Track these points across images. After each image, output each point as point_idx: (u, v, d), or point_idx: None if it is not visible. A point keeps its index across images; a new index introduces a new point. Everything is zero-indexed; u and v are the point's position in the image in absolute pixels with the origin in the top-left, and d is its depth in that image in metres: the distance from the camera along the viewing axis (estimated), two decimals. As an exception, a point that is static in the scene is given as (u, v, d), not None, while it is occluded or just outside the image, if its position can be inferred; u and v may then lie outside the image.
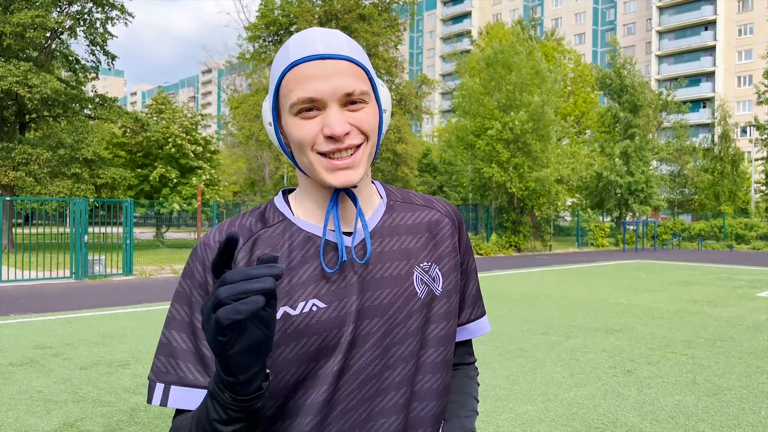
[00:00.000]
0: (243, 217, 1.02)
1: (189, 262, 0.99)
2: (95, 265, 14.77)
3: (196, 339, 0.95)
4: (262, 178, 43.70)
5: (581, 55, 45.86)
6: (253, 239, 0.98)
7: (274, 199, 1.06)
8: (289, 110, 0.92)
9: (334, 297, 0.95)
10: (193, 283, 0.97)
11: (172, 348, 0.95)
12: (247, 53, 33.37)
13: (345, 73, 0.91)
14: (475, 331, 1.16)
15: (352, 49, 0.94)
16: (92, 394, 5.09)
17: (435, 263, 1.04)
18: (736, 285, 13.93)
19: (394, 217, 1.05)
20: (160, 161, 27.71)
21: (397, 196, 1.09)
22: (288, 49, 0.93)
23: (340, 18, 30.40)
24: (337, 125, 0.89)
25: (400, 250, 1.02)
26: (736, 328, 8.31)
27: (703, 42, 61.77)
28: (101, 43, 25.11)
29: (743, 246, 32.01)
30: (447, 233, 1.08)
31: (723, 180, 41.00)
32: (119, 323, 8.46)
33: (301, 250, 0.97)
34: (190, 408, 0.93)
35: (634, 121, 33.37)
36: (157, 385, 0.95)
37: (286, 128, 0.95)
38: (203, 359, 0.94)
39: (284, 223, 1.00)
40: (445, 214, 1.10)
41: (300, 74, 0.90)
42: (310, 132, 0.91)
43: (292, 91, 0.91)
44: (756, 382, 5.61)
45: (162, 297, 11.28)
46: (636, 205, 33.26)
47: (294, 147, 0.95)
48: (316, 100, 0.90)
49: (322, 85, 0.89)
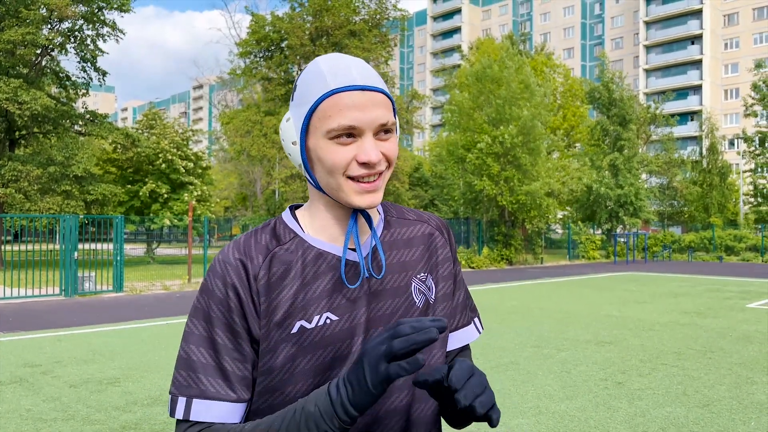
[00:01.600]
0: (257, 235, 1.06)
1: (207, 279, 1.03)
2: (85, 282, 14.66)
3: (217, 353, 0.99)
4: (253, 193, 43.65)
5: (570, 69, 46.31)
6: (270, 256, 1.02)
7: (282, 215, 1.11)
8: (325, 134, 0.96)
9: (345, 310, 1.01)
10: (212, 299, 1.01)
11: (192, 362, 1.00)
12: (239, 69, 33.52)
13: (380, 105, 0.97)
14: (463, 338, 1.19)
15: (381, 81, 1.01)
16: (82, 412, 5.05)
17: (429, 273, 1.11)
18: (726, 296, 14.02)
19: (392, 232, 1.11)
20: (151, 177, 27.64)
21: (392, 212, 1.15)
22: (324, 76, 0.97)
23: (331, 34, 30.61)
24: (373, 154, 0.96)
25: (399, 263, 1.08)
26: (726, 339, 8.36)
27: (690, 56, 62.59)
28: (92, 60, 25.11)
29: (733, 257, 32.22)
30: (439, 244, 1.15)
31: (712, 192, 41.35)
32: (109, 340, 8.40)
33: (314, 266, 1.02)
34: (212, 420, 0.98)
35: (623, 134, 33.67)
36: (180, 398, 0.99)
37: (317, 150, 0.99)
38: (224, 372, 0.99)
39: (296, 240, 1.05)
40: (435, 227, 1.17)
41: (341, 103, 0.95)
42: (345, 158, 0.97)
43: (331, 117, 0.96)
44: (746, 392, 5.65)
45: (153, 314, 11.22)
46: (626, 217, 33.45)
47: (322, 169, 0.99)
48: (355, 128, 0.96)
49: (361, 115, 0.95)
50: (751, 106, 37.10)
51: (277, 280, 1.00)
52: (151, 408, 5.18)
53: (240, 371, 0.99)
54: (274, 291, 1.00)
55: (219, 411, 0.97)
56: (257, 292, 0.99)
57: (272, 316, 0.99)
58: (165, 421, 4.84)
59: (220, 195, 42.42)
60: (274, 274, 1.01)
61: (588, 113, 41.79)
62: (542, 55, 42.67)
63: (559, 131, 35.63)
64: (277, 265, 1.01)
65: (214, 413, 0.97)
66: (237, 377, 0.99)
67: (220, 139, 45.76)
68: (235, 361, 0.99)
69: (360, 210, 1.03)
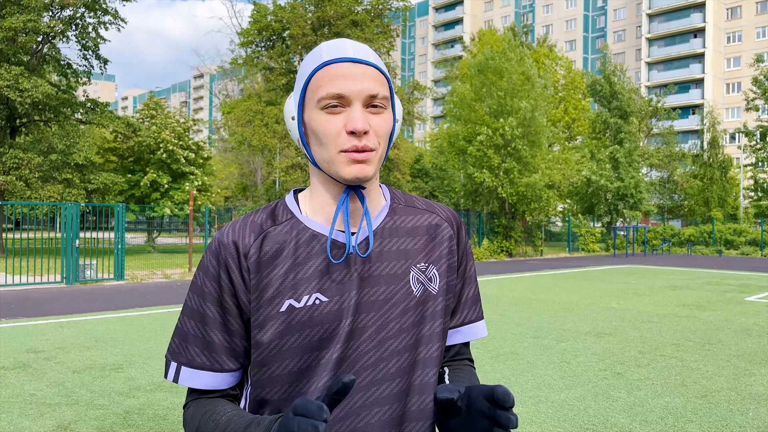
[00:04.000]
0: (256, 214, 1.09)
1: (204, 256, 1.09)
2: (86, 270, 14.70)
3: (204, 326, 1.06)
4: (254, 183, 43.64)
5: (572, 61, 46.17)
6: (263, 236, 1.06)
7: (285, 197, 1.13)
8: (316, 104, 0.99)
9: (335, 291, 1.03)
10: (206, 276, 1.06)
11: (185, 332, 1.08)
12: (240, 58, 33.43)
13: (372, 78, 1.00)
14: (468, 334, 1.18)
15: (377, 60, 1.03)
16: (85, 397, 5.10)
17: (432, 264, 1.10)
18: (725, 289, 14.06)
19: (395, 219, 1.11)
20: (152, 166, 27.64)
21: (400, 199, 1.15)
22: (320, 51, 1.02)
23: (333, 24, 30.51)
24: (359, 122, 0.97)
25: (399, 250, 1.08)
26: (724, 332, 8.41)
27: (692, 49, 62.35)
28: (93, 48, 25.07)
29: (732, 251, 32.27)
30: (445, 236, 1.14)
31: (712, 186, 41.34)
32: (111, 327, 8.44)
33: (307, 248, 1.05)
34: (196, 386, 1.06)
35: (623, 127, 33.63)
36: (171, 363, 1.08)
37: (310, 122, 1.02)
38: (211, 345, 1.06)
39: (292, 221, 1.07)
40: (444, 218, 1.16)
41: (331, 72, 0.99)
42: (334, 127, 0.99)
43: (321, 86, 0.99)
44: (744, 384, 5.69)
45: (154, 302, 11.26)
46: (626, 210, 33.47)
47: (315, 140, 1.02)
48: (344, 97, 0.98)
49: (350, 83, 0.98)
50: (753, 100, 37.03)
51: (268, 259, 1.04)
52: (154, 394, 5.22)
53: (227, 343, 1.05)
54: (265, 269, 1.03)
55: (204, 379, 1.05)
56: (247, 269, 1.03)
57: (263, 293, 1.02)
58: (168, 406, 4.88)
59: (221, 185, 42.39)
60: (266, 253, 1.04)
61: (590, 106, 41.72)
62: (544, 47, 42.54)
63: (560, 123, 35.59)
64: (269, 245, 1.04)
65: (199, 381, 1.05)
66: (224, 349, 1.05)
67: (221, 128, 45.68)
68: (222, 334, 1.05)
69: (354, 188, 1.03)
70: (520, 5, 77.84)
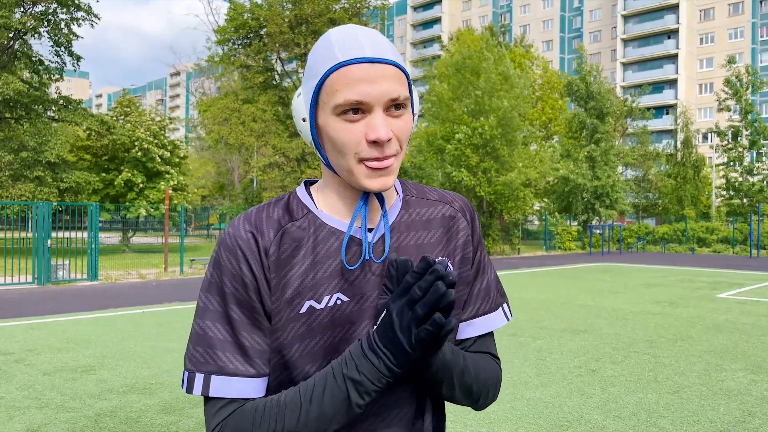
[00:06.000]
0: (269, 208, 1.03)
1: (218, 252, 1.00)
2: (59, 270, 14.45)
3: (233, 329, 0.97)
4: (231, 182, 43.29)
5: (549, 61, 46.61)
6: (281, 232, 0.99)
7: (296, 190, 1.07)
8: (332, 110, 0.92)
9: (356, 291, 0.98)
10: (225, 274, 0.98)
11: (209, 338, 0.97)
12: (216, 56, 33.12)
13: (391, 78, 0.92)
14: (483, 326, 1.12)
15: (395, 53, 0.95)
16: (56, 400, 5.00)
17: (448, 257, 1.06)
18: (697, 286, 14.30)
19: (410, 212, 1.06)
20: (126, 165, 27.25)
21: (412, 191, 1.10)
22: (332, 48, 0.93)
23: (311, 22, 30.38)
24: (382, 131, 0.90)
25: (416, 245, 1.04)
26: (696, 328, 8.54)
27: (666, 50, 63.34)
28: (66, 44, 24.63)
29: (704, 249, 32.85)
30: (461, 227, 1.09)
31: (685, 185, 42.02)
32: (84, 329, 8.30)
33: (325, 245, 0.99)
34: (231, 395, 0.95)
35: (600, 127, 34.02)
36: (197, 374, 0.96)
37: (325, 127, 0.95)
38: (242, 348, 0.97)
39: (309, 216, 1.02)
40: (458, 209, 1.12)
41: (348, 76, 0.90)
42: (354, 136, 0.92)
43: (338, 91, 0.91)
44: (715, 379, 5.78)
45: (128, 302, 11.11)
46: (602, 209, 33.86)
47: (332, 147, 0.95)
48: (363, 104, 0.90)
49: (370, 88, 0.90)
50: (724, 101, 37.70)
51: (287, 257, 0.98)
52: (127, 396, 5.14)
53: (258, 345, 0.97)
54: (284, 268, 0.98)
55: (239, 387, 0.96)
56: (268, 267, 0.97)
57: (282, 293, 0.97)
58: (141, 409, 4.81)
59: (197, 184, 42.00)
60: (285, 251, 0.98)
61: (567, 106, 42.14)
62: (521, 47, 42.86)
63: (536, 123, 35.87)
64: (288, 242, 0.99)
65: (234, 389, 0.95)
66: (256, 351, 0.97)
67: (198, 127, 45.24)
68: (252, 336, 0.97)
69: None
70: (497, 5, 78.31)
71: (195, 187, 35.37)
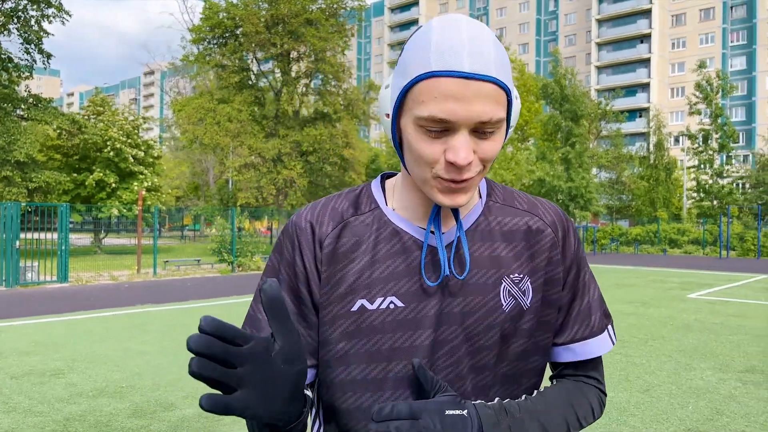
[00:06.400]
0: (338, 199, 1.00)
1: (280, 239, 1.00)
2: (27, 272, 14.17)
3: None
4: (206, 182, 42.89)
5: (525, 64, 47.06)
6: (342, 225, 0.97)
7: (371, 183, 1.02)
8: (415, 120, 0.84)
9: (414, 298, 0.92)
10: (282, 261, 0.98)
11: (258, 320, 0.96)
12: (191, 55, 32.76)
13: (486, 99, 0.82)
14: (580, 353, 1.01)
15: (498, 64, 0.83)
16: (23, 404, 4.89)
17: (528, 276, 0.97)
18: (669, 287, 14.54)
19: (490, 220, 0.98)
20: (98, 165, 26.80)
21: (498, 196, 1.02)
22: (429, 50, 0.82)
23: (287, 22, 30.23)
24: (462, 155, 0.82)
25: (491, 257, 0.95)
26: (667, 328, 8.68)
27: (639, 54, 64.40)
28: (36, 42, 24.15)
29: (676, 250, 33.43)
30: (546, 245, 0.99)
31: (658, 187, 42.75)
32: (53, 332, 8.14)
33: (387, 244, 0.95)
34: None
35: (574, 129, 34.43)
36: None
37: (405, 131, 0.88)
38: None
39: (375, 212, 0.97)
40: (548, 223, 1.01)
41: (438, 89, 0.81)
42: (433, 152, 0.84)
43: (424, 103, 0.82)
44: (684, 378, 5.88)
45: (99, 304, 10.92)
46: (576, 210, 34.28)
47: (410, 155, 0.89)
48: (448, 122, 0.82)
49: (459, 107, 0.81)
50: (695, 104, 38.44)
51: (345, 252, 0.94)
52: (96, 399, 5.05)
53: (303, 337, 0.94)
54: (339, 263, 0.94)
55: None
56: (321, 260, 0.94)
57: (335, 288, 0.93)
58: (111, 412, 4.73)
59: (171, 184, 41.50)
60: (343, 245, 0.95)
61: (542, 108, 42.58)
62: (497, 50, 43.17)
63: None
64: (348, 236, 0.95)
65: None
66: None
67: (172, 127, 44.73)
68: (298, 326, 0.94)
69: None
70: (474, 8, 78.84)
71: (169, 188, 34.93)
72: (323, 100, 32.40)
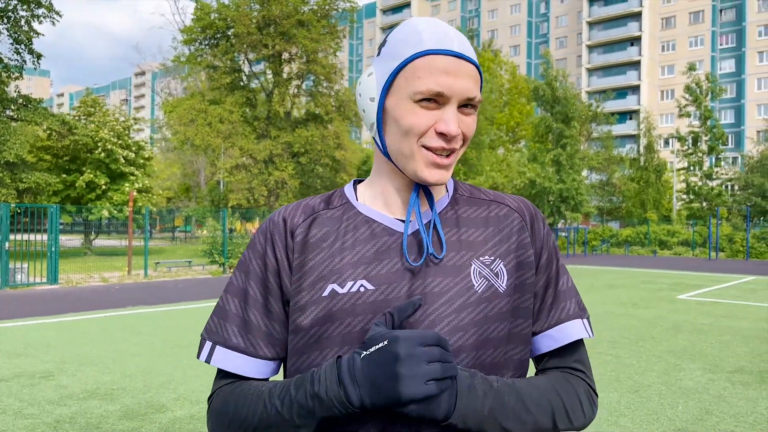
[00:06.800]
0: (312, 199, 1.06)
1: (254, 236, 1.05)
2: (17, 274, 14.07)
3: (246, 305, 1.00)
4: (197, 183, 42.74)
5: (516, 66, 47.21)
6: (313, 217, 1.02)
7: (345, 186, 1.09)
8: (411, 95, 0.91)
9: (383, 280, 0.95)
10: (254, 254, 1.03)
11: (225, 311, 1.02)
12: (183, 56, 32.64)
13: (471, 77, 0.93)
14: (558, 338, 1.02)
15: (475, 55, 0.97)
16: (13, 406, 4.86)
17: (500, 258, 0.99)
18: (659, 288, 14.63)
19: (456, 209, 1.03)
20: (89, 166, 26.65)
21: (465, 191, 1.07)
22: (420, 35, 0.93)
23: (279, 23, 30.19)
24: (453, 125, 0.91)
25: (460, 241, 0.99)
26: (657, 329, 8.74)
27: (630, 57, 64.78)
28: (26, 42, 23.99)
29: (666, 251, 33.63)
30: (515, 228, 1.02)
31: (648, 189, 43.00)
32: (43, 333, 8.09)
33: (357, 232, 0.99)
34: (228, 369, 0.98)
35: (565, 131, 34.57)
36: (206, 342, 1.01)
37: (395, 110, 0.94)
38: (248, 325, 0.99)
39: (345, 206, 1.03)
40: (515, 208, 1.05)
41: (434, 65, 0.91)
42: (425, 122, 0.92)
43: (420, 78, 0.91)
44: (674, 378, 5.92)
45: (90, 306, 10.86)
46: (567, 212, 34.42)
47: (397, 130, 0.94)
48: (443, 95, 0.91)
49: (452, 82, 0.91)
50: (685, 107, 38.71)
51: (316, 242, 0.99)
52: (87, 402, 5.03)
53: (266, 327, 0.99)
54: (311, 252, 0.98)
55: (236, 363, 0.98)
56: (292, 249, 0.99)
57: (305, 276, 0.97)
58: (102, 414, 4.71)
59: (162, 185, 41.33)
60: (314, 235, 0.99)
61: (534, 110, 42.74)
62: (489, 52, 43.33)
63: (503, 127, 36.27)
64: (318, 227, 1.00)
65: (231, 364, 0.98)
66: (261, 332, 0.99)
67: (163, 128, 44.54)
68: (262, 316, 0.99)
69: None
70: (466, 10, 79.04)
71: (160, 189, 34.77)
72: (315, 102, 32.37)
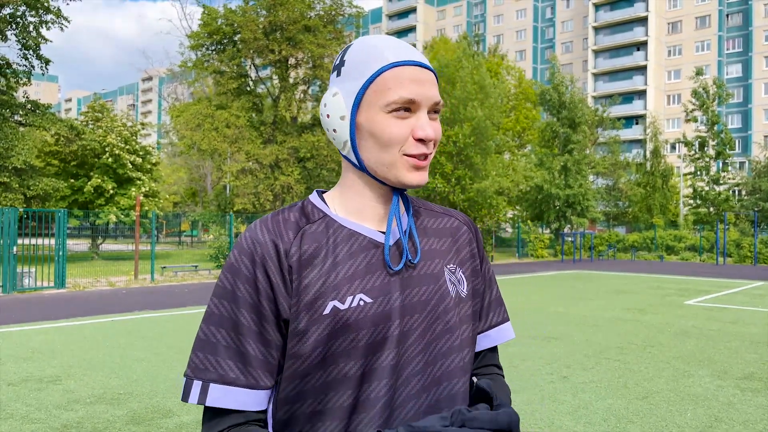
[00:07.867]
0: (285, 213, 1.02)
1: (233, 257, 0.98)
2: (25, 278, 14.12)
3: (239, 336, 0.94)
4: (203, 188, 42.85)
5: (522, 71, 47.17)
6: (301, 233, 0.99)
7: (309, 197, 1.07)
8: (383, 107, 0.95)
9: (379, 292, 0.97)
10: (239, 278, 0.96)
11: (212, 344, 0.95)
12: (189, 61, 32.78)
13: (434, 84, 0.99)
14: (497, 338, 1.15)
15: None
16: (21, 411, 4.87)
17: (459, 266, 1.08)
18: (666, 293, 14.56)
19: (421, 220, 1.09)
20: (96, 171, 26.76)
21: (419, 204, 1.13)
22: (382, 51, 0.97)
23: (285, 29, 30.31)
24: (429, 130, 0.96)
25: (431, 250, 1.05)
26: (664, 335, 8.69)
27: (636, 62, 64.64)
28: (34, 47, 24.15)
29: (673, 256, 33.47)
30: (465, 240, 1.12)
31: (654, 194, 42.83)
32: (50, 338, 8.11)
33: (345, 245, 0.99)
34: (230, 407, 0.93)
35: (572, 136, 34.51)
36: (194, 382, 0.94)
37: (369, 124, 0.97)
38: (246, 356, 0.94)
39: (326, 219, 1.02)
40: (463, 221, 1.15)
41: (402, 76, 0.95)
42: (402, 132, 0.96)
43: (391, 89, 0.95)
44: (682, 385, 5.88)
45: (97, 310, 10.89)
46: (574, 217, 34.32)
47: (376, 144, 0.97)
48: (414, 103, 0.95)
49: (421, 89, 0.96)
50: (692, 111, 38.57)
51: (308, 258, 0.97)
52: (94, 406, 5.04)
53: (263, 356, 0.94)
54: (305, 269, 0.96)
55: (239, 398, 0.93)
56: (288, 269, 0.95)
57: (303, 295, 0.94)
58: (109, 419, 4.71)
59: (169, 190, 41.46)
60: (306, 251, 0.97)
61: (540, 115, 42.68)
62: (497, 56, 43.33)
63: (509, 132, 36.21)
64: (308, 243, 0.98)
65: (234, 399, 0.92)
66: (260, 362, 0.94)
67: (170, 132, 44.71)
68: (258, 345, 0.94)
69: (400, 191, 1.03)
70: (471, 15, 79.12)
71: (167, 194, 34.89)
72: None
